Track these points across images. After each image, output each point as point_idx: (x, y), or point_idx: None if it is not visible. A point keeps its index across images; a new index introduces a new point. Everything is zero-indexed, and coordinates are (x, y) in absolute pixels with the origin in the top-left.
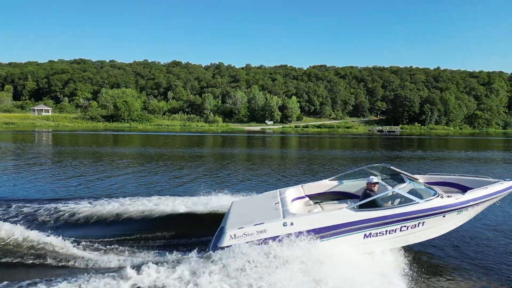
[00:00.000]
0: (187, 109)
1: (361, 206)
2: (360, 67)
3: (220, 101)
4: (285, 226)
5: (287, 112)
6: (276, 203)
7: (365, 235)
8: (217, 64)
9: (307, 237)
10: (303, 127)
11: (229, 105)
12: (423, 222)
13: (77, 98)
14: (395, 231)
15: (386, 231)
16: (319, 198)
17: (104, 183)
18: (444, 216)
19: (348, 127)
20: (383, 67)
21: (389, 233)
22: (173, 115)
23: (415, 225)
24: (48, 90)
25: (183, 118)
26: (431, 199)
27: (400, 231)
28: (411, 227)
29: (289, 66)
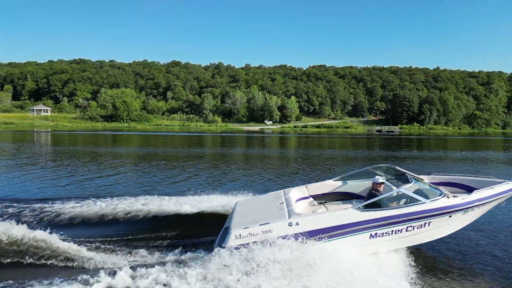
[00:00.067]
0: (186, 109)
1: (367, 206)
2: (359, 67)
3: (219, 101)
4: (291, 226)
5: (286, 112)
6: (280, 203)
7: (371, 235)
8: (217, 64)
9: (313, 237)
10: (302, 127)
11: (228, 105)
12: (429, 222)
13: (76, 98)
14: (401, 231)
15: (392, 231)
16: (323, 198)
17: (104, 183)
18: (450, 216)
19: (347, 127)
20: (383, 67)
21: (395, 233)
22: (172, 115)
23: (421, 225)
24: (47, 90)
25: (182, 118)
26: (437, 199)
27: (406, 231)
28: (417, 227)
29: (289, 66)
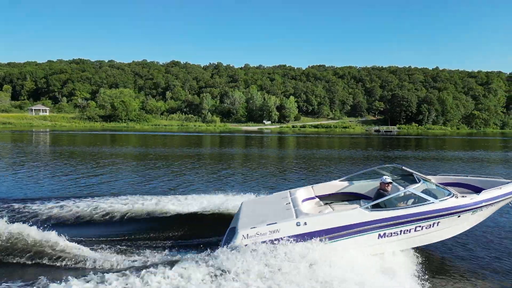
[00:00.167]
0: (185, 109)
1: (375, 206)
2: (358, 67)
3: (218, 101)
4: (299, 226)
5: (285, 112)
6: (287, 204)
7: (379, 235)
8: (216, 64)
9: (320, 237)
10: (300, 127)
11: (227, 105)
12: (438, 222)
13: (75, 98)
14: (409, 231)
15: (400, 231)
16: (329, 199)
17: (104, 182)
18: (459, 216)
19: (345, 127)
20: (382, 67)
21: (404, 233)
22: (171, 115)
23: (430, 225)
24: (46, 90)
25: (181, 118)
26: (446, 199)
27: (414, 231)
28: (426, 227)
29: (288, 66)
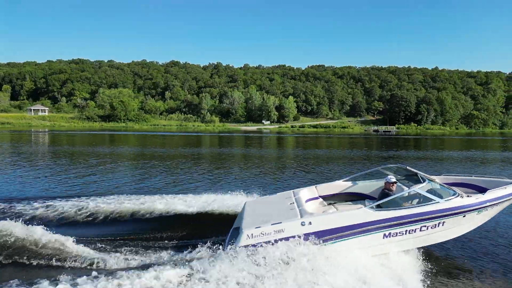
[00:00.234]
0: (184, 109)
1: (380, 205)
2: (358, 67)
3: (217, 101)
4: (303, 225)
5: (284, 112)
6: (291, 203)
7: (384, 235)
8: (215, 64)
9: (325, 237)
10: (299, 127)
11: (226, 105)
12: (444, 222)
13: (74, 98)
14: (415, 231)
15: (406, 231)
16: (333, 199)
17: (105, 182)
18: (464, 216)
19: (344, 127)
20: (381, 67)
21: (409, 233)
22: (170, 115)
23: (435, 225)
24: (46, 90)
25: (180, 118)
26: (451, 199)
27: (420, 231)
28: (431, 227)
29: (287, 66)
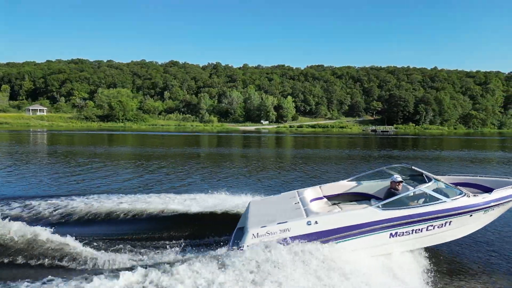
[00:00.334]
0: (183, 109)
1: (386, 205)
2: (357, 67)
3: (216, 101)
4: (309, 225)
5: (282, 112)
6: (296, 203)
7: (390, 234)
8: (215, 64)
9: (331, 236)
10: (298, 127)
11: (225, 105)
12: (450, 221)
13: (73, 98)
14: (421, 231)
15: (412, 231)
16: (337, 199)
17: (106, 181)
18: (471, 215)
19: (342, 127)
20: (380, 67)
21: (415, 232)
22: (168, 115)
23: (442, 224)
24: (45, 90)
25: (178, 118)
26: (458, 198)
27: (426, 230)
28: (438, 227)
29: (287, 66)
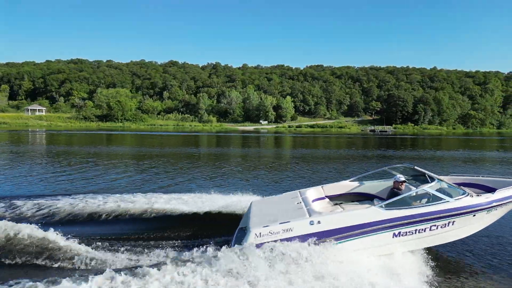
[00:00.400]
0: (182, 109)
1: (389, 204)
2: (356, 67)
3: (215, 101)
4: (312, 224)
5: (281, 112)
6: (298, 203)
7: (394, 234)
8: (214, 64)
9: (334, 236)
10: (296, 127)
11: (224, 105)
12: (453, 221)
13: (72, 98)
14: (424, 231)
15: (415, 230)
16: (340, 199)
17: (105, 180)
18: (474, 215)
19: (340, 127)
20: (380, 67)
21: (419, 232)
22: (167, 115)
23: (445, 224)
24: (44, 90)
25: (177, 118)
26: (461, 198)
27: (429, 230)
28: (441, 227)
29: (286, 66)
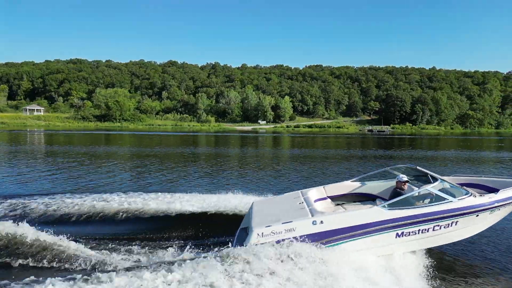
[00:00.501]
0: (180, 109)
1: (392, 204)
2: (355, 67)
3: (214, 101)
4: (315, 224)
5: (279, 112)
6: (300, 203)
7: (397, 234)
8: (213, 64)
9: (337, 236)
10: (294, 126)
11: (223, 105)
12: (457, 221)
13: (71, 98)
14: (427, 231)
15: (418, 231)
16: (341, 199)
17: (105, 180)
18: (477, 215)
19: (339, 127)
20: (379, 67)
21: (422, 232)
22: (166, 115)
23: (448, 224)
24: (43, 90)
25: (175, 118)
26: (464, 198)
27: (433, 230)
28: (444, 227)
29: (285, 66)
